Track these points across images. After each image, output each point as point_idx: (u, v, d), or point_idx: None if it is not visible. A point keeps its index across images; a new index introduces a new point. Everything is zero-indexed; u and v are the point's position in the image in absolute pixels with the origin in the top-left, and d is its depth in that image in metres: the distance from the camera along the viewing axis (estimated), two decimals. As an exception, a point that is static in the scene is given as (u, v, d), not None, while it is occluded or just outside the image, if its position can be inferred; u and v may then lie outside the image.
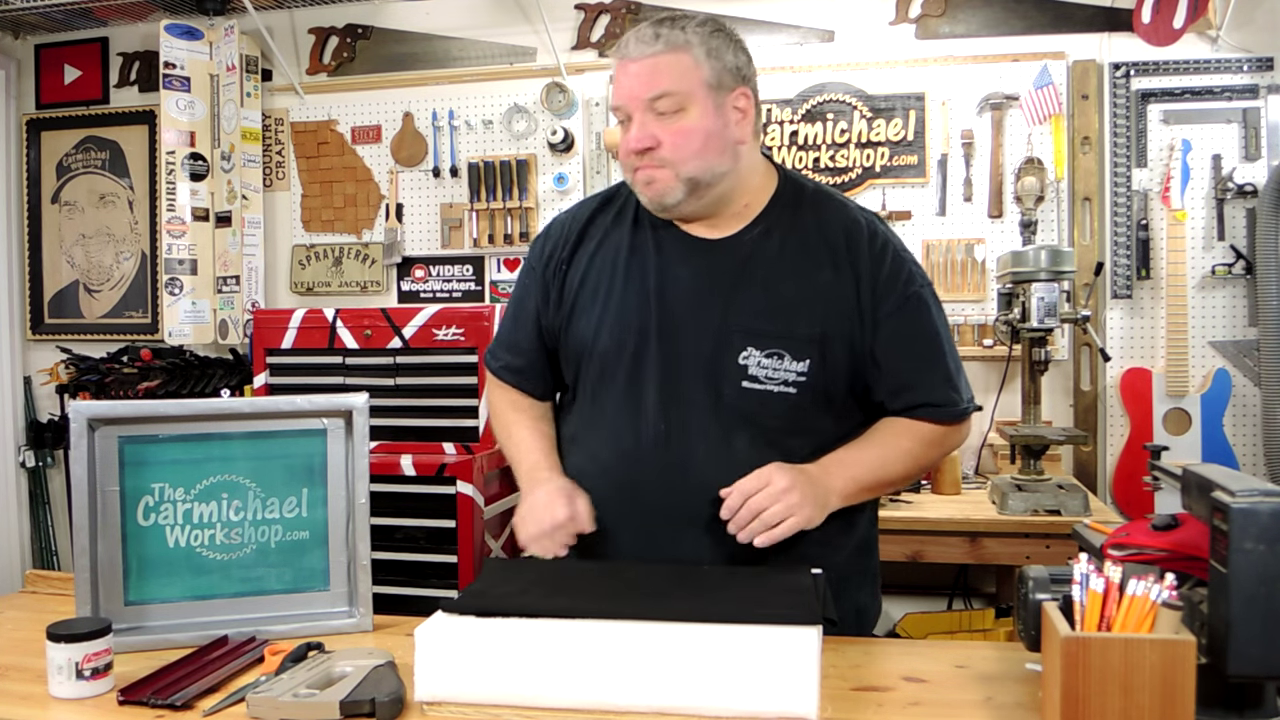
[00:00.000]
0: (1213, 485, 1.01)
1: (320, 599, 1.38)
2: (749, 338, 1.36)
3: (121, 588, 1.33)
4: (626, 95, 1.36)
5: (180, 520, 1.34)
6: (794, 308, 1.37)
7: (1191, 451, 2.89)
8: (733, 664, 1.04)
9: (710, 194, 1.39)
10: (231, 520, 1.36)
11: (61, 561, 3.81)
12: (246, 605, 1.36)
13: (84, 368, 3.62)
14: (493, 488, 2.82)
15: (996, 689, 1.15)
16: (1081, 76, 3.02)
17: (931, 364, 1.42)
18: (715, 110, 1.37)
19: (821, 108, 3.16)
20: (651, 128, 1.35)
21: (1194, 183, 2.92)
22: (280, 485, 1.37)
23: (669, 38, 1.34)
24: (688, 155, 1.35)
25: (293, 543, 1.38)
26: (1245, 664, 0.95)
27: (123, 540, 1.33)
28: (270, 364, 2.93)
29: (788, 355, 1.36)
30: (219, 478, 1.35)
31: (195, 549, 1.35)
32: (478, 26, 3.44)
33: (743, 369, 1.36)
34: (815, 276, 1.38)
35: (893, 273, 1.40)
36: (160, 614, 1.34)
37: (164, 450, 1.34)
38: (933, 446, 1.44)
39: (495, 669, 1.08)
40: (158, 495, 1.34)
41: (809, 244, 1.40)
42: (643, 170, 1.37)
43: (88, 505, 1.30)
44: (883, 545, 2.49)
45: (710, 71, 1.36)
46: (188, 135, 3.46)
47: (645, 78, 1.34)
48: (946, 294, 3.09)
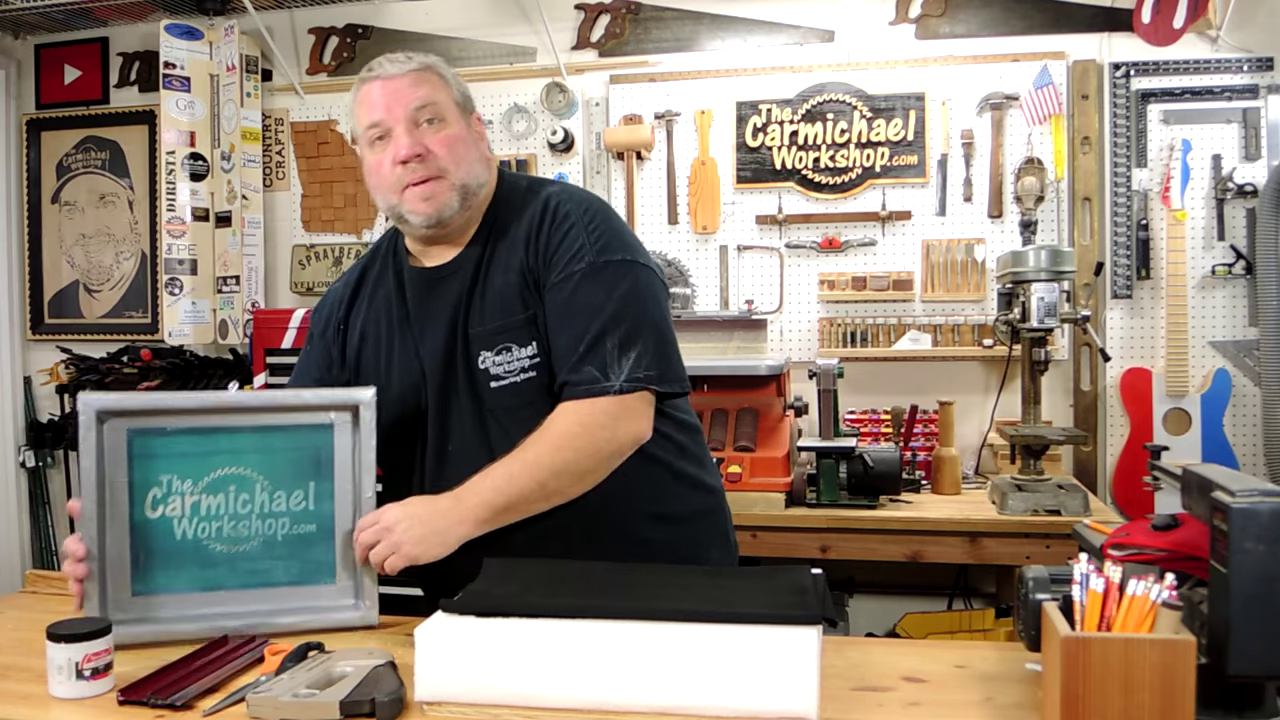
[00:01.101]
0: (1213, 485, 1.01)
1: (326, 592, 1.37)
2: (480, 343, 1.40)
3: (128, 579, 1.33)
4: (386, 109, 1.38)
5: (188, 512, 1.34)
6: (506, 301, 1.40)
7: (1191, 451, 2.89)
8: (733, 664, 1.04)
9: (473, 206, 1.43)
10: (239, 513, 1.35)
11: (61, 561, 3.80)
12: (253, 598, 1.35)
13: (84, 368, 3.62)
14: (493, 488, 2.81)
15: (996, 689, 1.15)
16: (1081, 76, 3.02)
17: (579, 337, 1.36)
18: (469, 128, 1.44)
19: (821, 108, 3.16)
20: (420, 137, 1.38)
21: (1194, 183, 2.92)
22: (287, 479, 1.36)
23: (419, 59, 1.42)
24: (459, 161, 1.40)
25: (299, 536, 1.37)
26: (1245, 664, 0.95)
27: (130, 532, 1.32)
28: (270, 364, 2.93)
29: (514, 345, 1.40)
30: (227, 470, 1.35)
31: (202, 541, 1.34)
32: (478, 26, 3.44)
33: (485, 372, 1.40)
34: (516, 265, 1.41)
35: (560, 248, 1.40)
36: (166, 605, 1.34)
37: (172, 443, 1.34)
38: (574, 442, 1.34)
39: (495, 669, 1.08)
40: (166, 487, 1.33)
41: (513, 240, 1.43)
42: (418, 183, 1.38)
43: (95, 497, 1.30)
44: (883, 545, 2.54)
45: (456, 92, 1.45)
46: (188, 135, 3.46)
47: (409, 89, 1.39)
48: (946, 294, 3.10)
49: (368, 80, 1.41)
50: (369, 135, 1.40)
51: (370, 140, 1.41)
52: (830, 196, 3.17)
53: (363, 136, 1.42)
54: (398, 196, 1.40)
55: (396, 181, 1.39)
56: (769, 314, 3.18)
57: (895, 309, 3.13)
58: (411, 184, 1.38)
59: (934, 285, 3.11)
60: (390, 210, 1.43)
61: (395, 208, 1.42)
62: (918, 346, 3.07)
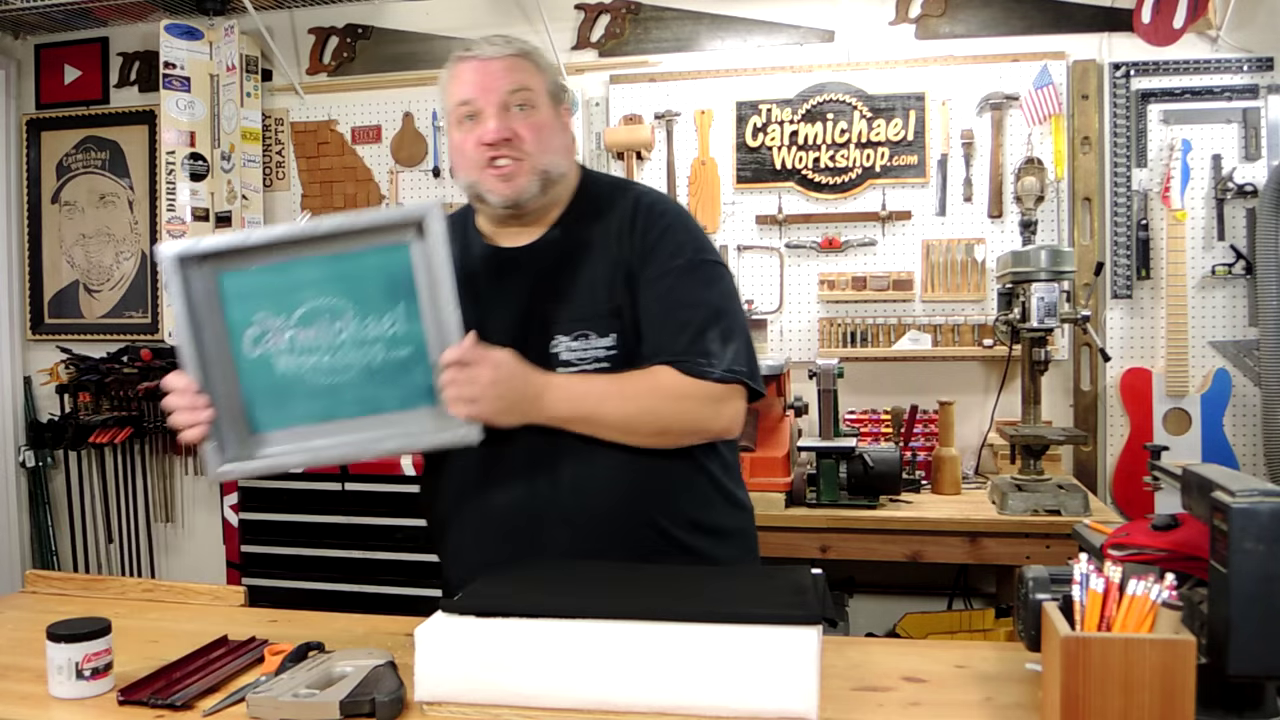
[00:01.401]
0: (1213, 485, 1.01)
1: (429, 414, 1.35)
2: (556, 327, 1.41)
3: (244, 419, 1.33)
4: (479, 90, 1.39)
5: (286, 347, 1.33)
6: (591, 289, 1.41)
7: (1191, 451, 2.89)
8: (733, 664, 1.04)
9: (552, 192, 1.44)
10: (334, 343, 1.34)
11: (61, 561, 3.81)
12: (360, 425, 1.34)
13: (84, 368, 3.62)
14: (493, 488, 2.81)
15: (996, 689, 1.15)
16: (1081, 76, 3.02)
17: (683, 325, 1.39)
18: (558, 116, 1.45)
19: (821, 108, 3.16)
20: (509, 121, 1.39)
21: (1194, 183, 2.92)
22: (376, 303, 1.34)
23: (517, 45, 1.43)
24: (544, 148, 1.41)
25: (397, 360, 1.35)
26: (1245, 664, 0.95)
27: (236, 372, 1.33)
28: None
29: (593, 334, 1.40)
30: (316, 302, 1.34)
31: (304, 374, 1.34)
32: (478, 26, 3.43)
33: (554, 356, 1.40)
34: (607, 256, 1.43)
35: (662, 242, 1.42)
36: (281, 440, 1.34)
37: (258, 280, 1.33)
38: (668, 401, 1.37)
39: (495, 669, 1.08)
40: (261, 325, 1.33)
41: (603, 233, 1.45)
42: (500, 165, 1.39)
43: (192, 341, 1.30)
44: (883, 545, 2.54)
45: (549, 81, 1.46)
46: (188, 135, 3.46)
47: (502, 74, 1.39)
48: (946, 294, 3.10)
49: (464, 59, 1.42)
50: (459, 112, 1.41)
51: (459, 118, 1.41)
52: (830, 196, 3.17)
53: (452, 113, 1.43)
54: (478, 174, 1.41)
55: (479, 160, 1.40)
56: (769, 314, 3.19)
57: (895, 309, 3.13)
58: (493, 164, 1.39)
59: (934, 285, 3.11)
60: (470, 188, 1.44)
61: (474, 185, 1.42)
62: (918, 346, 3.07)
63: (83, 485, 3.77)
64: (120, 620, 1.35)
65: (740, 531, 1.54)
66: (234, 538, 2.87)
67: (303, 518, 2.80)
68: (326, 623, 1.47)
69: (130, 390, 3.58)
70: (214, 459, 1.32)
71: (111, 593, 1.63)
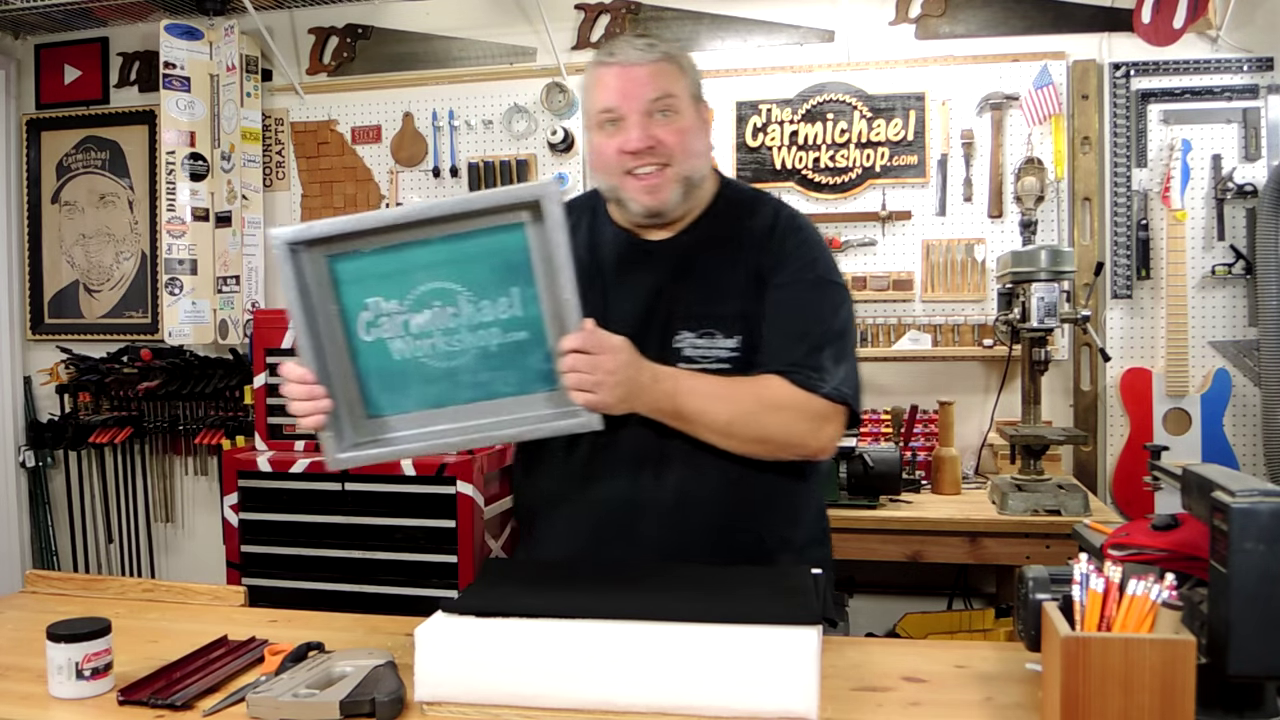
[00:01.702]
0: (1213, 485, 1.01)
1: (548, 399, 1.33)
2: (682, 322, 1.41)
3: (361, 403, 1.32)
4: (622, 97, 1.38)
5: (400, 332, 1.31)
6: (722, 290, 1.42)
7: (1191, 451, 2.89)
8: (733, 664, 1.04)
9: (693, 196, 1.44)
10: (449, 327, 1.31)
11: (61, 561, 3.81)
12: (477, 411, 1.32)
13: (84, 368, 3.62)
14: (493, 488, 2.82)
15: (996, 689, 1.15)
16: (1081, 76, 3.02)
17: (801, 337, 1.39)
18: (699, 119, 1.44)
19: (821, 108, 3.16)
20: (652, 129, 1.37)
21: (1194, 183, 2.92)
22: (490, 287, 1.31)
23: (663, 48, 1.41)
24: (687, 153, 1.40)
25: (513, 344, 1.32)
26: (1245, 664, 0.95)
27: (351, 357, 1.31)
28: (270, 364, 2.93)
29: (718, 333, 1.41)
30: (429, 285, 1.31)
31: (420, 359, 1.32)
32: (478, 26, 3.44)
33: (677, 351, 1.40)
34: (741, 260, 1.44)
35: (795, 254, 1.44)
36: (398, 426, 1.33)
37: (371, 264, 1.31)
38: (772, 410, 1.36)
39: (495, 669, 1.08)
40: (374, 310, 1.31)
41: (739, 235, 1.45)
42: (643, 173, 1.38)
43: (306, 328, 1.28)
44: (883, 545, 2.54)
45: (691, 83, 1.44)
46: (188, 135, 3.46)
47: (647, 81, 1.38)
48: (946, 294, 3.10)
49: (607, 64, 1.40)
50: (601, 119, 1.41)
51: (601, 123, 1.41)
52: (830, 196, 3.16)
53: (593, 118, 1.42)
54: (619, 179, 1.40)
55: (620, 167, 1.39)
56: (769, 314, 3.18)
57: (895, 309, 3.13)
58: (635, 173, 1.39)
59: (934, 285, 3.11)
60: (610, 191, 1.44)
61: (615, 190, 1.42)
62: (918, 346, 3.07)
63: (83, 485, 3.78)
64: (120, 620, 1.36)
65: (825, 553, 1.55)
66: (234, 538, 2.87)
67: (303, 518, 2.80)
68: (326, 623, 1.47)
69: (130, 390, 3.58)
70: (332, 447, 1.30)
71: (111, 593, 1.63)
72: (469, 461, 2.66)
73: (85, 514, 3.78)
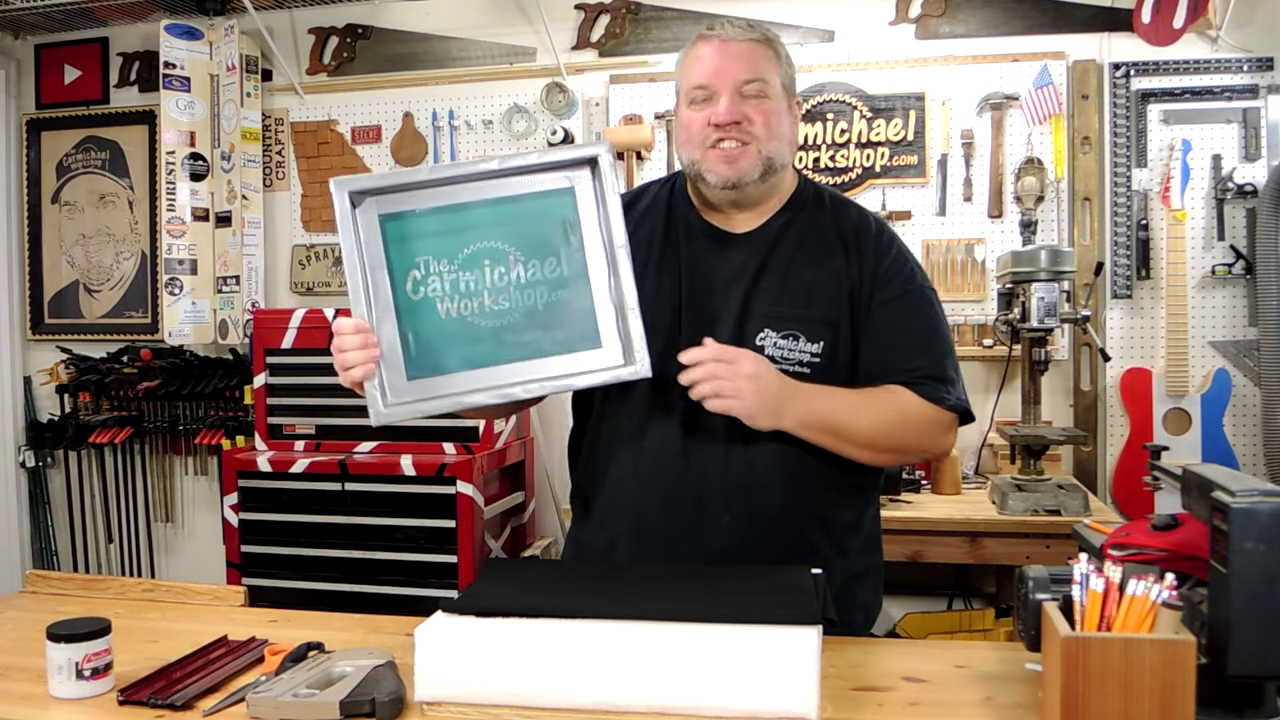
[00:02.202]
0: (1213, 485, 1.01)
1: (595, 357, 1.35)
2: (766, 320, 1.40)
3: (403, 364, 1.32)
4: (716, 73, 1.39)
5: (448, 291, 1.33)
6: (810, 293, 1.41)
7: (1191, 451, 2.89)
8: (733, 664, 1.04)
9: (771, 181, 1.43)
10: (497, 286, 1.33)
11: (61, 561, 3.81)
12: (523, 370, 1.34)
13: (84, 368, 3.63)
14: (493, 488, 2.82)
15: (996, 689, 1.15)
16: (1081, 76, 3.02)
17: (922, 350, 1.42)
18: (787, 107, 1.44)
19: (821, 108, 3.16)
20: (741, 106, 1.39)
21: (1194, 183, 2.92)
22: (538, 247, 1.34)
23: (762, 31, 1.43)
24: (772, 135, 1.40)
25: (560, 303, 1.35)
26: (1245, 664, 0.95)
27: (397, 316, 1.32)
28: (270, 364, 2.93)
29: (803, 337, 1.40)
30: (479, 245, 1.34)
31: (466, 318, 1.33)
32: (478, 26, 3.44)
33: (759, 349, 1.39)
34: (829, 265, 1.43)
35: (895, 266, 1.45)
36: (440, 386, 1.33)
37: (422, 223, 1.33)
38: (910, 420, 1.40)
39: (495, 669, 1.08)
40: (424, 269, 1.33)
41: (825, 237, 1.45)
42: (726, 144, 1.38)
43: (360, 279, 1.30)
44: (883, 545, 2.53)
45: (785, 74, 1.45)
46: (188, 135, 3.46)
47: (743, 60, 1.40)
48: (946, 294, 3.10)
49: (707, 38, 1.42)
50: (694, 95, 1.41)
51: (692, 99, 1.42)
52: (830, 196, 3.16)
53: (685, 93, 1.43)
54: (701, 153, 1.40)
55: (705, 139, 1.40)
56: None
57: (895, 309, 3.13)
58: (718, 145, 1.39)
59: (934, 285, 3.11)
60: (691, 166, 1.43)
61: (696, 164, 1.42)
62: (918, 346, 3.06)
63: (83, 485, 3.78)
64: (120, 620, 1.36)
65: (877, 546, 1.59)
66: (234, 538, 2.87)
67: (303, 518, 2.80)
68: (326, 623, 1.47)
69: (130, 390, 3.58)
70: (377, 401, 1.30)
71: (111, 593, 1.63)
72: (469, 461, 2.66)
73: (85, 514, 3.78)
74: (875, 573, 1.57)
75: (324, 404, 2.92)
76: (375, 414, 1.30)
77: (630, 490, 1.44)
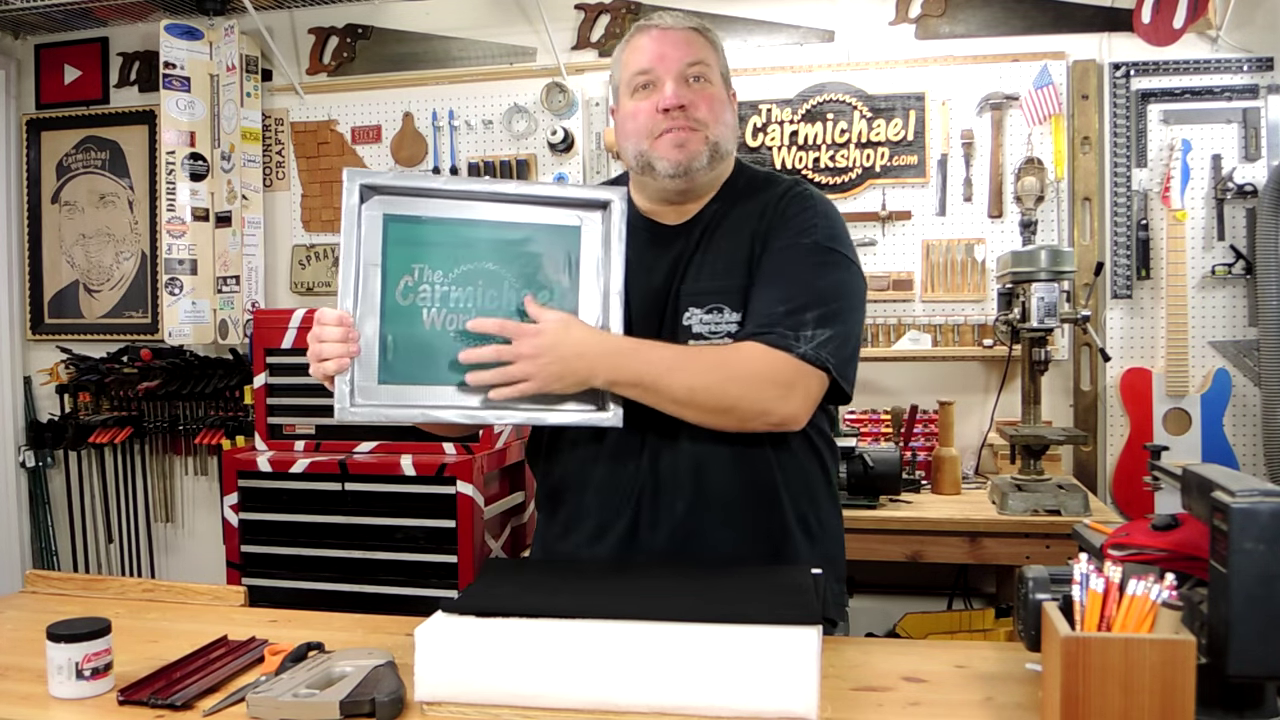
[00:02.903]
0: (1213, 485, 1.01)
1: (570, 397, 1.33)
2: (691, 299, 1.41)
3: (376, 366, 1.32)
4: (659, 58, 1.40)
5: (437, 302, 1.33)
6: (729, 266, 1.42)
7: (1191, 451, 2.89)
8: (733, 664, 1.04)
9: (717, 168, 1.44)
10: (486, 308, 1.33)
11: (61, 561, 3.81)
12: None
13: (84, 368, 3.63)
14: (493, 488, 2.82)
15: (996, 689, 1.15)
16: (1081, 76, 3.02)
17: (783, 300, 1.35)
18: (727, 93, 1.47)
19: (821, 108, 3.16)
20: (686, 90, 1.39)
21: (1194, 183, 2.92)
22: (534, 278, 1.35)
23: (699, 24, 1.44)
24: (718, 119, 1.41)
25: None
26: (1245, 664, 0.95)
27: (381, 317, 1.32)
28: (270, 364, 2.93)
29: (726, 308, 1.40)
30: (476, 264, 1.33)
31: (449, 333, 1.32)
32: (478, 26, 3.44)
33: (687, 329, 1.40)
34: (746, 236, 1.43)
35: (798, 221, 1.41)
36: (410, 396, 1.32)
37: (426, 232, 1.33)
38: (738, 378, 1.31)
39: (495, 669, 1.08)
40: (417, 276, 1.32)
41: (748, 215, 1.46)
42: (675, 131, 1.39)
43: (354, 273, 1.30)
44: (883, 545, 2.54)
45: (721, 62, 1.47)
46: (188, 135, 3.46)
47: (684, 45, 1.41)
48: (946, 294, 3.10)
49: (645, 29, 1.43)
50: (635, 81, 1.41)
51: (634, 87, 1.42)
52: (830, 196, 3.14)
53: (627, 83, 1.43)
54: (649, 143, 1.40)
55: (653, 128, 1.39)
56: (769, 314, 3.18)
57: (895, 309, 3.13)
58: (668, 131, 1.39)
59: (934, 285, 3.11)
60: (639, 157, 1.43)
61: (644, 154, 1.41)
62: (918, 346, 3.07)
63: (83, 485, 3.78)
64: (120, 620, 1.36)
65: (837, 531, 1.55)
66: (234, 538, 2.87)
67: (303, 518, 2.80)
68: (326, 623, 1.47)
69: (130, 390, 3.58)
70: (344, 398, 1.29)
71: (111, 593, 1.63)
72: (469, 461, 2.66)
73: (85, 514, 3.78)
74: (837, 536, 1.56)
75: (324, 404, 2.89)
76: (340, 410, 1.29)
77: (591, 486, 1.45)
